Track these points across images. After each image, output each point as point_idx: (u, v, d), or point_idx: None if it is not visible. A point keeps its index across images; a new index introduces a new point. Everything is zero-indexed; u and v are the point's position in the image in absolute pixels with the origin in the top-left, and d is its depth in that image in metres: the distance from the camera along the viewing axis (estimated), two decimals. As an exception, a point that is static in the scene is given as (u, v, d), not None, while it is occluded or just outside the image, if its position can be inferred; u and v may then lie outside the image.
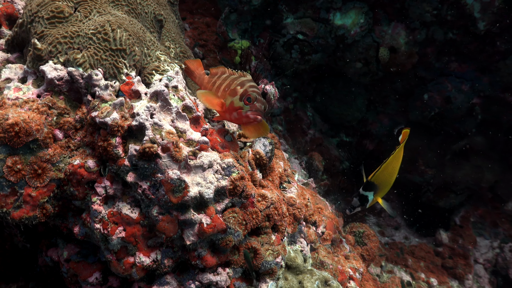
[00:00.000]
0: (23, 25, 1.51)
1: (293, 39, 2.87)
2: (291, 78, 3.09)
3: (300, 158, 2.70)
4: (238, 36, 2.87)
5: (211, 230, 1.37)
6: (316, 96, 3.32)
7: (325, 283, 1.69)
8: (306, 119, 3.31)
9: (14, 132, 1.24)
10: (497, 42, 2.72)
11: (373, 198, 2.04)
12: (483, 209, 3.42)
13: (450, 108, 3.11)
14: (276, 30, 2.92)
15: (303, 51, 2.89)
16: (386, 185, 2.10)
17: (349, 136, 3.48)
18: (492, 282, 3.20)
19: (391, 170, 2.10)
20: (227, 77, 1.56)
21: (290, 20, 2.85)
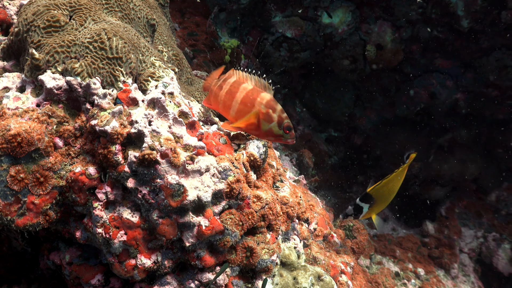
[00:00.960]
0: (19, 34, 1.53)
1: (282, 37, 2.92)
2: (279, 75, 3.14)
3: (290, 155, 2.76)
4: (228, 35, 2.90)
5: (210, 231, 1.42)
6: (305, 92, 3.37)
7: (318, 278, 1.76)
8: (295, 115, 3.37)
9: (16, 143, 1.27)
10: (480, 39, 2.80)
11: (368, 211, 2.07)
12: (467, 201, 3.53)
13: (435, 104, 3.19)
14: (265, 28, 2.96)
15: (292, 49, 2.93)
16: (383, 202, 2.12)
17: (337, 131, 3.55)
18: (476, 270, 3.32)
19: (391, 188, 2.12)
20: (237, 84, 1.58)
21: (278, 18, 2.89)
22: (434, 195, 3.50)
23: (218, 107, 1.63)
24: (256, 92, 1.55)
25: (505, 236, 3.34)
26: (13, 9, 1.93)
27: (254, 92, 1.55)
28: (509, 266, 3.24)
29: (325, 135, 3.54)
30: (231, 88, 1.57)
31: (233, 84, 1.58)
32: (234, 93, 1.55)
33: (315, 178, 2.60)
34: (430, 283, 2.95)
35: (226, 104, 1.57)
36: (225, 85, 1.58)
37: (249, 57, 2.93)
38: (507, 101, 3.11)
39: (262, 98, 1.54)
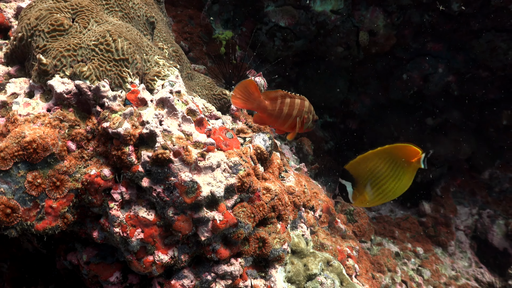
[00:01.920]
0: (23, 39, 1.54)
1: (276, 27, 2.94)
2: (274, 64, 3.16)
3: (290, 144, 2.80)
4: (221, 27, 2.91)
5: (224, 225, 1.46)
6: (299, 80, 3.41)
7: (327, 264, 1.82)
8: (290, 103, 3.40)
9: (32, 149, 1.29)
10: (471, 22, 2.85)
11: (354, 192, 1.98)
12: (461, 180, 3.61)
13: (427, 86, 3.25)
14: (258, 18, 2.97)
15: (286, 38, 2.96)
16: (369, 185, 2.00)
17: (332, 116, 3.60)
18: (472, 247, 3.43)
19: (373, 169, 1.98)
20: (292, 103, 1.96)
21: (271, 8, 2.90)
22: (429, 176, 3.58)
23: (273, 123, 1.99)
24: (302, 103, 1.95)
25: (499, 213, 3.44)
26: (10, 12, 1.92)
27: (301, 104, 1.95)
28: (503, 241, 3.35)
29: (320, 121, 3.59)
30: (290, 108, 1.94)
31: (290, 104, 1.94)
32: (291, 111, 1.95)
33: (315, 165, 2.65)
34: (429, 261, 3.04)
35: (286, 120, 1.97)
36: (285, 107, 1.94)
37: (243, 48, 2.94)
38: (497, 82, 3.19)
39: (305, 106, 1.96)
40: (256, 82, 2.34)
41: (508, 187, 3.53)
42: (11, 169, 1.29)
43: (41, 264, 1.81)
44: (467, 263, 3.28)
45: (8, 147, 1.27)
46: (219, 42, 2.83)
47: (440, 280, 2.94)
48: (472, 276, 3.15)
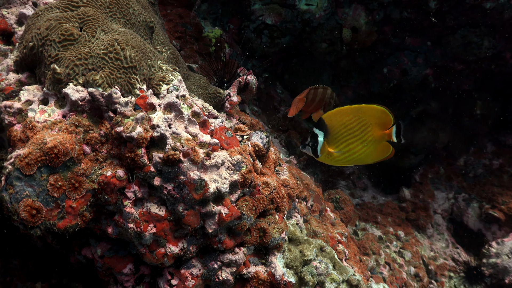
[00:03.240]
0: (34, 48, 1.62)
1: (263, 25, 3.05)
2: (260, 59, 3.28)
3: (279, 137, 2.94)
4: (210, 25, 3.01)
5: (229, 218, 1.60)
6: (285, 74, 3.53)
7: (321, 250, 1.99)
8: (277, 97, 3.54)
9: (54, 154, 1.40)
10: (447, 19, 3.02)
11: (324, 143, 1.91)
12: (438, 166, 3.83)
13: (407, 79, 3.42)
14: (245, 16, 3.08)
15: (273, 35, 3.07)
16: (338, 139, 1.93)
17: (316, 109, 3.74)
18: (449, 229, 3.66)
19: (347, 123, 1.91)
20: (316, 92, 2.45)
21: (258, 6, 3.01)
22: (408, 163, 3.78)
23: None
24: (324, 91, 2.43)
25: (473, 196, 3.67)
26: (12, 18, 1.99)
27: (323, 92, 2.43)
28: (478, 222, 3.59)
29: (305, 113, 3.73)
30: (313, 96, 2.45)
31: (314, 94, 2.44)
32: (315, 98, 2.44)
33: (303, 157, 2.80)
34: (410, 243, 3.25)
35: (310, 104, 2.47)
36: (309, 95, 2.44)
37: (232, 45, 3.05)
38: (471, 74, 3.38)
39: (327, 94, 2.45)
40: (249, 81, 2.46)
41: (482, 172, 3.76)
42: (35, 174, 1.39)
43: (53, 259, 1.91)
44: (445, 244, 3.51)
45: (32, 153, 1.37)
46: (209, 40, 2.94)
47: (419, 261, 3.15)
48: (449, 256, 3.38)
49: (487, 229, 3.54)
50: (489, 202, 3.55)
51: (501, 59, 3.18)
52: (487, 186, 3.64)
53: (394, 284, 2.77)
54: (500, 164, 3.70)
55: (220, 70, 2.61)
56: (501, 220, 3.46)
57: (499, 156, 3.70)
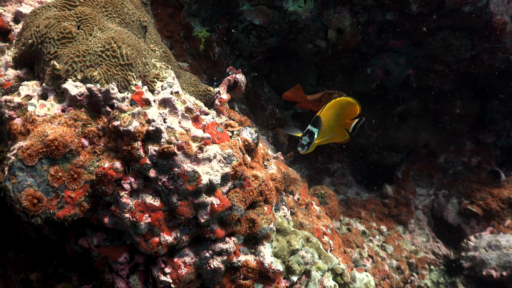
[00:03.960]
0: (33, 45, 1.69)
1: (251, 25, 3.14)
2: (248, 58, 3.37)
3: (266, 134, 3.03)
4: (200, 25, 3.09)
5: (221, 208, 1.69)
6: (272, 74, 3.63)
7: (307, 240, 2.08)
8: (264, 96, 3.63)
9: (54, 146, 1.47)
10: (428, 21, 3.14)
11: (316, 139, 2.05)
12: (420, 164, 3.96)
13: (389, 79, 3.53)
14: (234, 17, 3.17)
15: (260, 36, 3.16)
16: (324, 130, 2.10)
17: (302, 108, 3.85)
18: (430, 224, 3.79)
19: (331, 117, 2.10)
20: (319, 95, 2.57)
21: (246, 7, 3.10)
22: (391, 161, 3.91)
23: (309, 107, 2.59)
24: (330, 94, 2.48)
25: (453, 193, 3.82)
26: (9, 16, 2.04)
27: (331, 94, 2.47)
28: (457, 217, 3.73)
29: (291, 112, 3.83)
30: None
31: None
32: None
33: (290, 154, 2.90)
34: (392, 237, 3.37)
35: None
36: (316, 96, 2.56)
37: (221, 44, 3.14)
38: (451, 75, 3.51)
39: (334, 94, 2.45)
40: (238, 79, 2.55)
41: (461, 170, 3.90)
42: (36, 164, 1.46)
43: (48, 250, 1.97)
44: (425, 239, 3.64)
45: (34, 145, 1.44)
46: (198, 40, 3.02)
47: (401, 254, 3.27)
48: (430, 250, 3.51)
49: (466, 224, 3.68)
50: (468, 198, 3.69)
51: (479, 60, 3.32)
52: (466, 182, 3.79)
53: (377, 275, 2.88)
54: (478, 162, 3.85)
55: (209, 69, 2.69)
56: (479, 215, 3.60)
57: (478, 154, 3.85)
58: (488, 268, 3.21)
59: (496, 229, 3.44)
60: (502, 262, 3.19)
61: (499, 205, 3.53)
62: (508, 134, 3.76)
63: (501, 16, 3.08)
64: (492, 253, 3.22)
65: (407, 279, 3.14)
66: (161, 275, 1.72)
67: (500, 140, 3.83)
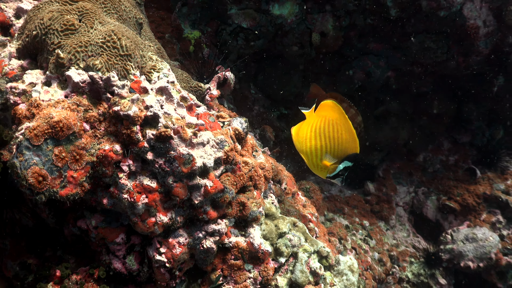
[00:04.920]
0: (37, 36, 1.79)
1: (238, 28, 3.29)
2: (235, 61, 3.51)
3: (253, 131, 3.16)
4: (189, 27, 3.22)
5: (213, 190, 1.80)
6: (258, 75, 3.77)
7: (294, 225, 2.20)
8: (250, 97, 3.77)
9: (59, 128, 1.57)
10: (406, 25, 3.33)
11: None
12: (400, 162, 4.13)
13: (370, 81, 3.70)
14: (222, 20, 3.31)
15: (248, 38, 3.31)
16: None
17: (287, 109, 3.99)
18: (410, 220, 3.95)
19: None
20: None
21: (234, 11, 3.25)
22: (372, 159, 4.07)
23: None
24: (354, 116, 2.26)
25: (432, 190, 3.99)
26: (10, 12, 2.15)
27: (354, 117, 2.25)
28: (436, 213, 3.90)
29: (277, 113, 3.97)
30: None
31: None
32: None
33: (277, 149, 3.03)
34: (374, 232, 3.51)
35: None
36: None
37: (210, 46, 3.27)
38: (429, 77, 3.70)
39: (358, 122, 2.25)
40: (227, 76, 2.68)
41: (439, 168, 4.08)
42: (42, 144, 1.56)
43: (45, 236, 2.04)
44: (406, 234, 3.79)
45: (40, 126, 1.54)
46: (188, 41, 3.15)
47: (383, 247, 3.41)
48: (410, 244, 3.66)
49: (444, 219, 3.85)
50: (446, 195, 3.87)
51: (455, 63, 3.51)
52: (444, 180, 3.97)
53: (360, 266, 3.01)
54: (455, 160, 4.04)
55: (199, 68, 2.82)
56: (456, 210, 3.77)
57: (455, 153, 4.04)
58: (466, 259, 3.37)
59: (472, 223, 3.62)
60: (478, 253, 3.35)
61: (475, 200, 3.71)
62: (483, 134, 3.96)
63: (474, 21, 3.28)
64: (469, 246, 3.38)
65: (389, 271, 3.28)
66: (157, 255, 1.82)
67: (476, 140, 4.03)
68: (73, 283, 1.85)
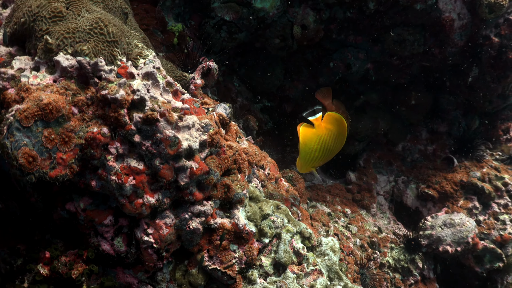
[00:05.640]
0: (25, 23, 1.84)
1: (221, 21, 3.36)
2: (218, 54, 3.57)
3: (237, 121, 3.23)
4: (173, 20, 3.28)
5: (199, 172, 1.87)
6: (241, 68, 3.85)
7: (277, 207, 2.28)
8: (234, 89, 3.84)
9: (48, 110, 1.62)
10: (384, 18, 3.43)
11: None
12: (380, 152, 4.24)
13: (350, 73, 3.80)
14: (205, 13, 3.37)
15: (231, 31, 3.38)
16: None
17: (270, 101, 4.07)
18: (391, 208, 4.07)
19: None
20: None
21: (217, 4, 3.31)
22: (353, 150, 4.18)
23: None
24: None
25: (411, 178, 4.11)
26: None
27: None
28: (415, 201, 4.02)
29: (260, 105, 4.04)
30: None
31: None
32: None
33: (260, 138, 3.10)
34: (356, 219, 3.61)
35: None
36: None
37: (194, 39, 3.33)
38: (406, 68, 3.81)
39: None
40: (211, 67, 2.74)
41: (418, 157, 4.21)
42: (31, 126, 1.61)
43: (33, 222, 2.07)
44: (387, 221, 3.90)
45: (30, 108, 1.59)
46: (172, 33, 3.20)
47: (365, 234, 3.52)
48: (391, 231, 3.77)
49: (423, 206, 3.98)
50: (425, 183, 3.99)
51: (431, 54, 3.63)
52: (423, 169, 4.09)
53: (342, 252, 3.10)
54: (433, 150, 4.17)
55: (184, 60, 2.88)
56: (435, 197, 3.90)
57: (433, 142, 4.17)
58: (444, 244, 3.49)
59: (450, 209, 3.75)
60: (456, 238, 3.48)
61: (452, 187, 3.84)
62: (460, 124, 4.10)
63: (449, 14, 3.41)
64: (447, 231, 3.51)
65: (370, 256, 3.38)
66: (144, 236, 1.88)
67: (453, 130, 4.16)
68: (62, 264, 1.90)
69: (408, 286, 3.48)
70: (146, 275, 2.02)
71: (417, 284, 3.54)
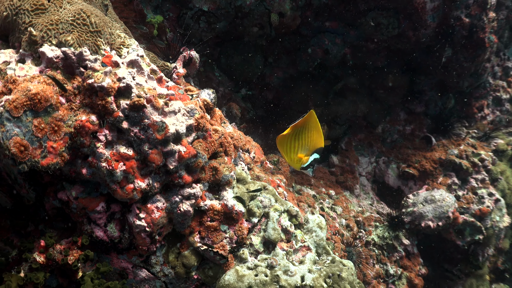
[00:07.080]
0: (8, 17, 1.86)
1: (200, 12, 3.40)
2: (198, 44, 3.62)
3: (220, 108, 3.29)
4: (152, 12, 3.31)
5: (187, 155, 1.92)
6: (221, 58, 3.90)
7: (264, 188, 2.35)
8: (215, 79, 3.89)
9: (37, 100, 1.65)
10: (359, 3, 3.51)
11: None
12: (360, 134, 4.34)
13: (328, 58, 3.88)
14: (183, 4, 3.41)
15: (210, 21, 3.43)
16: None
17: (251, 89, 4.13)
18: (373, 188, 4.18)
19: None
20: None
21: (195, -6, 3.36)
22: (335, 133, 4.28)
23: None
24: None
25: (391, 159, 4.23)
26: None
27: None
28: (397, 181, 4.15)
29: (241, 94, 4.11)
30: None
31: None
32: None
33: (243, 125, 3.17)
34: (340, 200, 3.71)
35: None
36: None
37: (173, 30, 3.37)
38: (382, 52, 3.92)
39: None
40: (192, 55, 2.79)
41: (397, 138, 4.33)
42: (21, 116, 1.64)
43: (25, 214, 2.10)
44: (370, 201, 4.02)
45: (19, 98, 1.63)
46: (151, 25, 3.24)
47: (350, 214, 3.62)
48: (374, 210, 3.89)
49: (405, 185, 4.11)
50: (405, 162, 4.12)
51: (405, 37, 3.74)
52: (402, 149, 4.22)
53: (328, 231, 3.20)
54: (411, 130, 4.30)
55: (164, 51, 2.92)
56: (415, 176, 4.03)
57: (411, 123, 4.29)
58: (426, 220, 3.62)
59: (430, 186, 3.88)
60: (437, 213, 3.61)
61: (432, 165, 3.98)
62: (436, 103, 4.23)
63: (421, -4, 3.52)
64: (428, 207, 3.64)
65: (356, 235, 3.48)
66: (137, 220, 1.93)
67: (430, 109, 4.29)
68: (58, 252, 1.94)
69: (393, 262, 3.60)
70: (140, 259, 2.07)
71: (402, 260, 3.66)
